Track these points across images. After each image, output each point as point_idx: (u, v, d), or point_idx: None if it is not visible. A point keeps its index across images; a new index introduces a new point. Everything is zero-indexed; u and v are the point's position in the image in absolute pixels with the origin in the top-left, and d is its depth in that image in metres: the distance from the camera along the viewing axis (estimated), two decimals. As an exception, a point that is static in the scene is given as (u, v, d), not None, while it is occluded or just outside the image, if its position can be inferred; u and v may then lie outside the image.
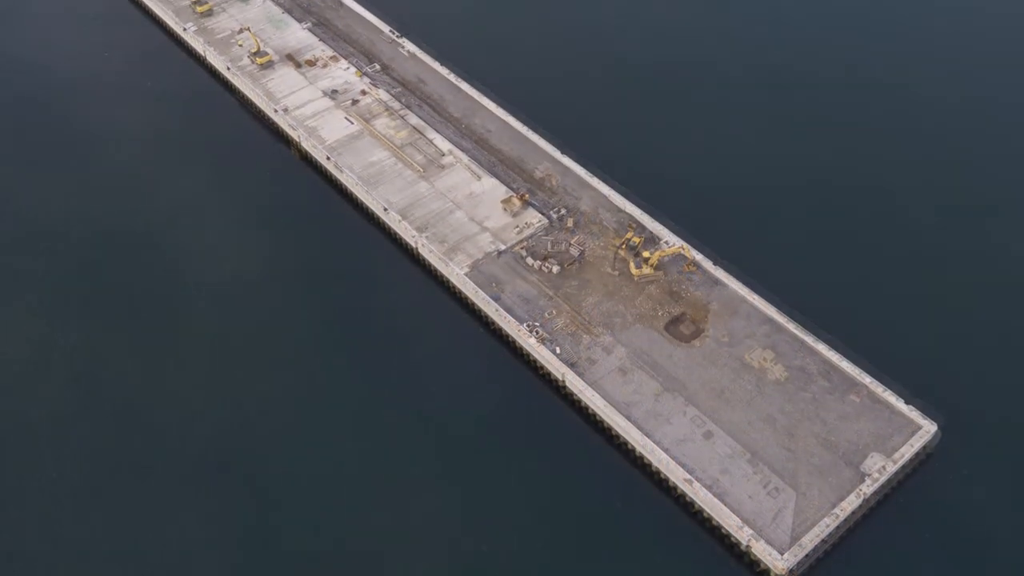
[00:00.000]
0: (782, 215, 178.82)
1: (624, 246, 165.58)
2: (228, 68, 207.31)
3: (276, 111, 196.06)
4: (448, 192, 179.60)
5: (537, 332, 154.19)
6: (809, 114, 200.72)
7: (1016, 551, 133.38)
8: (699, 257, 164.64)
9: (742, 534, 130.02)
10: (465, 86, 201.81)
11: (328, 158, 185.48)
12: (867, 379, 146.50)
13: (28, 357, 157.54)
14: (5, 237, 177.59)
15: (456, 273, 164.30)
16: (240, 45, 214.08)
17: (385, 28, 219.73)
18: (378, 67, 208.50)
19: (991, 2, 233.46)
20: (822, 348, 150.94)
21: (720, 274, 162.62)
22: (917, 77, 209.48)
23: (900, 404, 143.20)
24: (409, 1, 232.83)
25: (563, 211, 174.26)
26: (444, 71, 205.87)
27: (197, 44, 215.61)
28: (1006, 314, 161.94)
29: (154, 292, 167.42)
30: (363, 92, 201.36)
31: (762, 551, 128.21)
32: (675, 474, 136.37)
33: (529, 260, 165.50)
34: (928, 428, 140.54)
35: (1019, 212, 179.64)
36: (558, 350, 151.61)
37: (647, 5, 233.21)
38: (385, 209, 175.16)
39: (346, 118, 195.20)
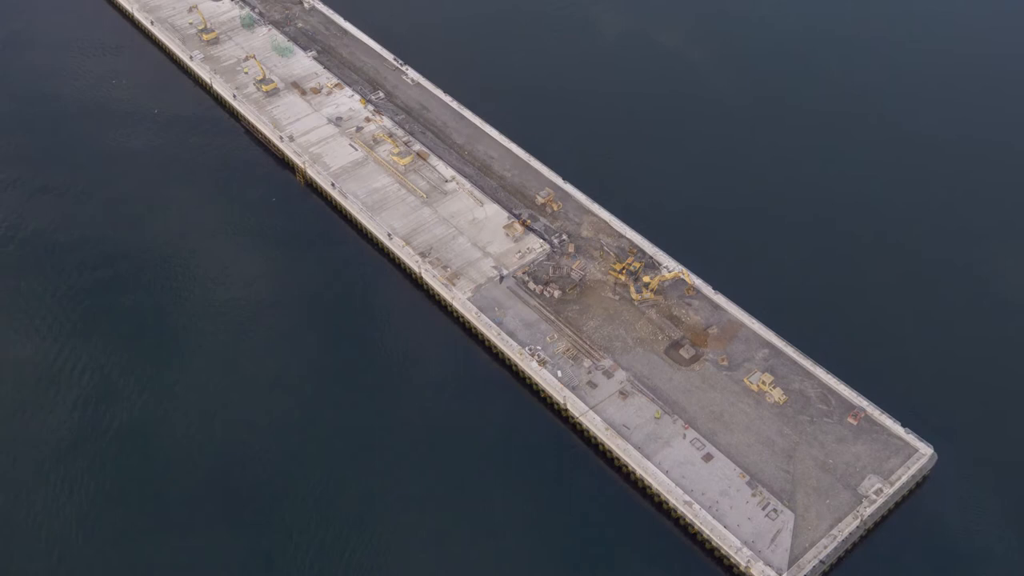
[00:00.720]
0: (780, 242, 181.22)
1: (624, 271, 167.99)
2: (235, 96, 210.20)
3: (282, 138, 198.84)
4: (451, 218, 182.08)
5: (539, 356, 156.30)
6: (808, 143, 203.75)
7: (1009, 572, 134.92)
8: (698, 282, 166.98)
9: (741, 555, 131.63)
10: (468, 113, 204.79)
11: (333, 185, 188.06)
12: (864, 403, 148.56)
13: (36, 377, 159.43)
14: (14, 258, 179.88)
15: (459, 298, 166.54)
16: (246, 72, 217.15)
17: (389, 56, 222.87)
18: (382, 95, 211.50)
19: (983, 38, 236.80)
20: (820, 372, 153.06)
21: (719, 299, 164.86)
22: (915, 106, 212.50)
23: (897, 427, 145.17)
24: (413, 31, 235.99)
25: (564, 237, 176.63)
26: (447, 99, 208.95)
27: (204, 72, 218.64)
28: (1001, 340, 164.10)
29: (161, 314, 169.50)
30: (367, 119, 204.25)
31: (761, 572, 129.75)
32: (675, 496, 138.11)
33: (531, 285, 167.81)
34: (924, 451, 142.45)
35: (1012, 239, 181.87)
36: (559, 373, 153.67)
37: (647, 37, 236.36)
38: (389, 235, 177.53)
39: (350, 145, 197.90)
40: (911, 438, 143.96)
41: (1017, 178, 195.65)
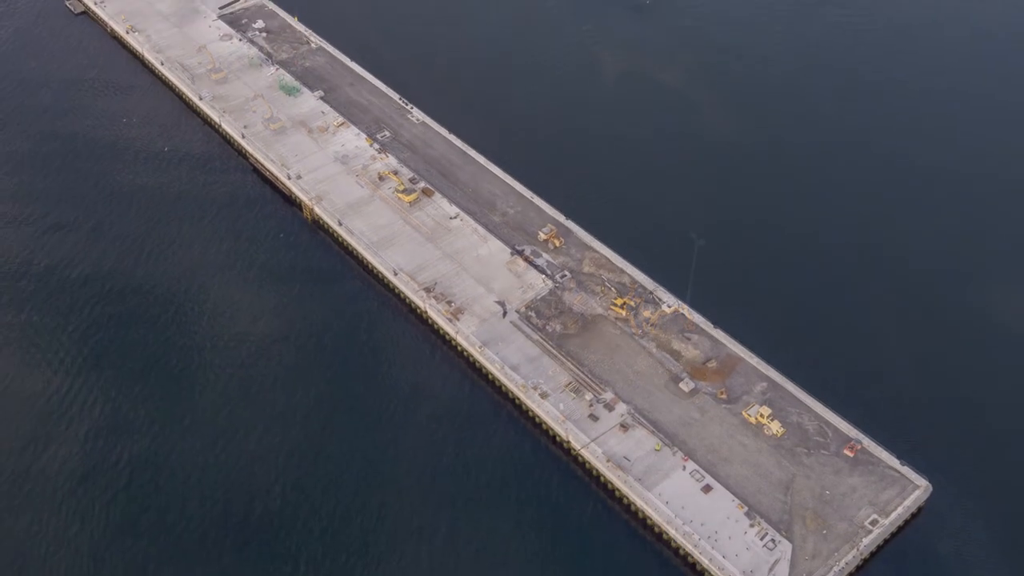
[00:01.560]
0: (779, 277, 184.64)
1: (625, 306, 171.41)
2: (243, 135, 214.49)
3: (289, 176, 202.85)
4: (455, 254, 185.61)
5: (541, 389, 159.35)
6: (806, 180, 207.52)
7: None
8: (698, 318, 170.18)
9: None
10: (472, 152, 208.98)
11: (340, 223, 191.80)
12: (862, 436, 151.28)
13: (49, 410, 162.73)
14: (28, 293, 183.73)
15: (462, 332, 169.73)
16: (253, 111, 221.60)
17: (395, 96, 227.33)
18: (388, 133, 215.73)
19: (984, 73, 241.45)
20: (817, 405, 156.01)
21: (718, 334, 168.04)
22: (912, 144, 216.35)
23: (893, 460, 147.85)
24: (418, 71, 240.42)
25: (566, 272, 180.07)
26: (451, 137, 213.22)
27: (212, 111, 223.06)
28: (997, 375, 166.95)
29: (170, 348, 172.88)
30: (373, 157, 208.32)
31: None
32: (674, 526, 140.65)
33: (533, 319, 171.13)
34: (920, 484, 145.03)
35: (1007, 275, 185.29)
36: (561, 407, 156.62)
37: (648, 77, 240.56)
38: (395, 272, 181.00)
39: (356, 182, 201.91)
40: (906, 470, 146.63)
41: (1015, 212, 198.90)
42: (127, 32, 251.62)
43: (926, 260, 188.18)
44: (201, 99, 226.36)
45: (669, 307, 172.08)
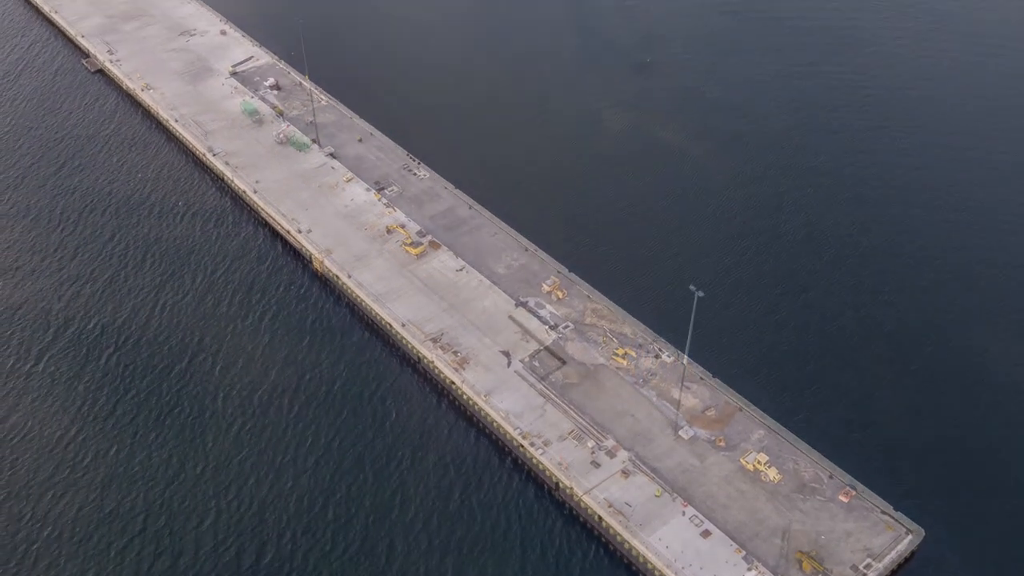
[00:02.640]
0: (776, 328, 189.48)
1: (626, 356, 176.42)
2: (255, 190, 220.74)
3: (300, 231, 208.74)
4: (461, 306, 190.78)
5: (543, 437, 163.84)
6: (802, 232, 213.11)
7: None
8: (697, 368, 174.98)
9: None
10: (477, 206, 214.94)
11: (348, 275, 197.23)
12: (856, 483, 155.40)
13: (63, 458, 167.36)
14: (45, 344, 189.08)
15: (468, 381, 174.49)
16: (263, 168, 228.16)
17: (402, 151, 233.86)
18: (395, 188, 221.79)
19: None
20: (814, 453, 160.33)
21: (717, 383, 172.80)
22: (908, 197, 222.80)
23: (887, 507, 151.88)
24: (425, 127, 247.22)
25: (569, 324, 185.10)
26: (458, 192, 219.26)
27: (225, 168, 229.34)
28: (991, 423, 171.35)
29: (183, 397, 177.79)
30: (381, 212, 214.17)
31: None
32: (674, 571, 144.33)
33: (537, 368, 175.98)
34: (913, 530, 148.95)
35: (1002, 323, 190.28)
36: (564, 454, 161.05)
37: (649, 133, 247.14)
38: (403, 324, 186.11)
39: (364, 236, 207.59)
40: (900, 516, 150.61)
41: (1009, 261, 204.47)
42: (142, 89, 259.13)
43: (921, 309, 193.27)
44: (215, 155, 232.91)
45: (669, 357, 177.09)
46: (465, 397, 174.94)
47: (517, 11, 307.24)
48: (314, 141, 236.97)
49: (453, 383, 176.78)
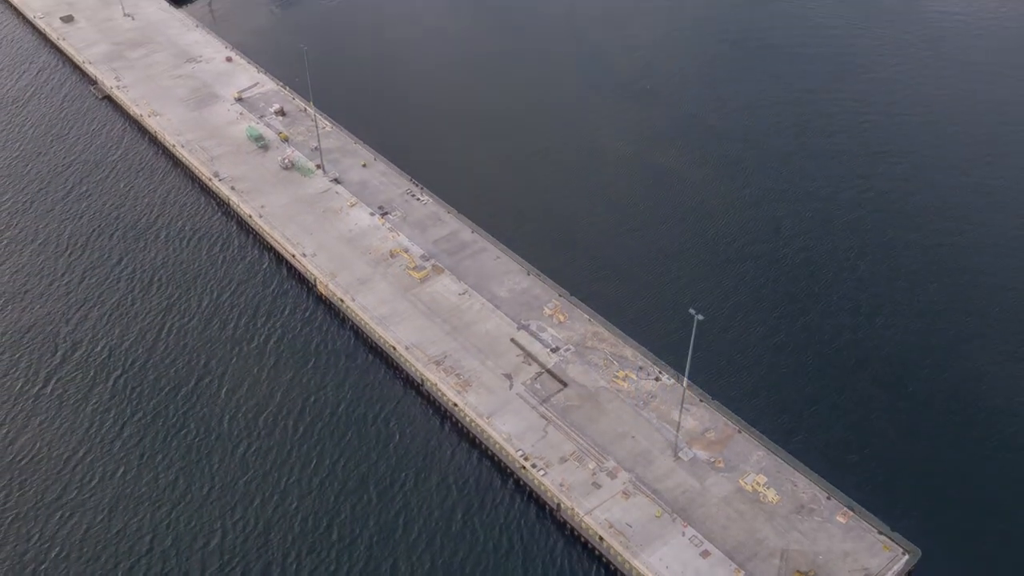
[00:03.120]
0: (775, 352, 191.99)
1: (627, 379, 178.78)
2: (260, 215, 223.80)
3: (305, 254, 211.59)
4: (464, 328, 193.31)
5: (545, 459, 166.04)
6: (799, 257, 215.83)
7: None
8: (697, 390, 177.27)
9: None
10: (480, 230, 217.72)
11: (353, 299, 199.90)
12: (854, 503, 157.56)
13: (73, 480, 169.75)
14: (53, 367, 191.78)
15: (470, 403, 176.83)
16: (269, 193, 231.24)
17: (406, 177, 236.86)
18: (399, 213, 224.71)
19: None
20: (812, 474, 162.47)
21: (716, 405, 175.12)
22: (906, 223, 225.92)
23: (884, 527, 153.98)
24: (428, 154, 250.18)
25: (570, 347, 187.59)
26: (461, 217, 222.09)
27: (231, 192, 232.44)
28: (988, 444, 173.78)
29: (189, 419, 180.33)
30: (384, 236, 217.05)
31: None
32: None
33: (539, 391, 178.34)
34: (910, 550, 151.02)
35: (998, 347, 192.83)
36: (565, 475, 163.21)
37: (649, 159, 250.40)
38: (406, 347, 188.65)
39: (367, 260, 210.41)
40: (897, 536, 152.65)
41: (1004, 284, 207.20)
42: (148, 115, 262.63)
43: (916, 333, 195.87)
44: (220, 180, 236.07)
45: (669, 380, 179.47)
46: (467, 419, 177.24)
47: (519, 40, 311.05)
48: (318, 166, 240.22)
49: (455, 405, 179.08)
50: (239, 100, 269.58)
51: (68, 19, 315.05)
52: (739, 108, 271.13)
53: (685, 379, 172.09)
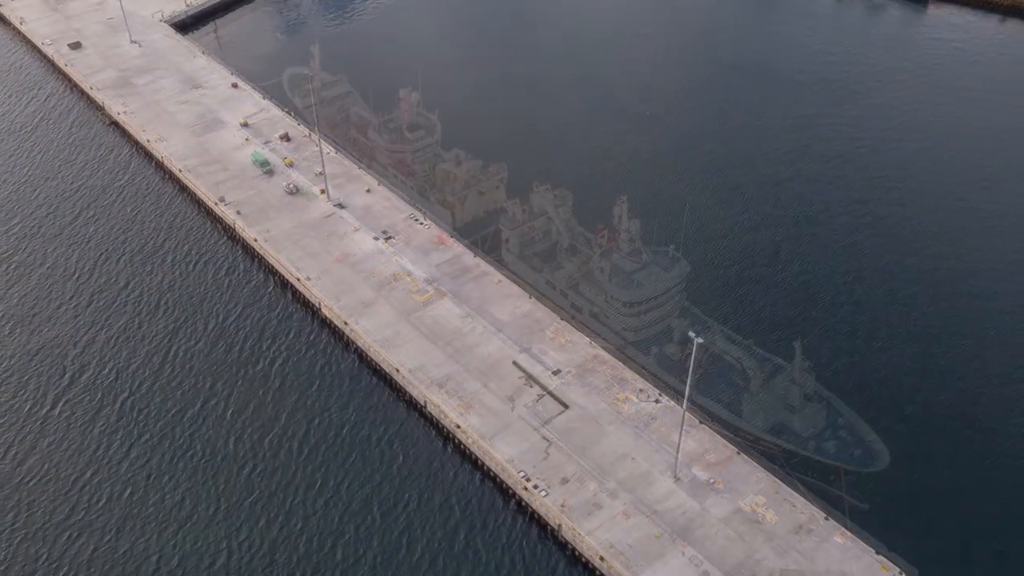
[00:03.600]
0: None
1: (627, 401, 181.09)
2: (266, 239, 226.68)
3: (309, 278, 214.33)
4: (466, 351, 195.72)
5: (546, 480, 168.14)
6: (798, 279, 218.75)
7: None
8: (697, 413, 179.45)
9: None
10: (482, 255, 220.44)
11: (357, 322, 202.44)
12: (852, 524, 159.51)
13: (80, 501, 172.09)
14: (61, 389, 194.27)
15: (472, 425, 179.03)
16: (271, 216, 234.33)
17: (406, 199, 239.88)
18: (400, 236, 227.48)
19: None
20: (810, 495, 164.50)
21: (715, 426, 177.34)
22: (904, 245, 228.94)
23: (882, 547, 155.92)
24: (430, 180, 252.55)
25: (571, 369, 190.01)
26: (463, 241, 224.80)
27: (236, 217, 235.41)
28: (985, 466, 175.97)
29: (195, 441, 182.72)
30: (386, 261, 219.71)
31: None
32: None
33: (540, 412, 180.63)
34: (907, 570, 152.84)
35: (995, 364, 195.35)
36: (565, 497, 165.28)
37: (649, 185, 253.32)
38: (409, 369, 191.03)
39: (369, 284, 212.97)
40: (895, 556, 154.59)
41: (1000, 308, 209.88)
42: (155, 141, 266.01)
43: (913, 357, 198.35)
44: (225, 205, 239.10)
45: (669, 402, 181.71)
46: (470, 441, 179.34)
47: (518, 65, 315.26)
48: (322, 191, 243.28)
49: (458, 427, 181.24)
50: (244, 126, 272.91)
51: (76, 46, 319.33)
52: (738, 133, 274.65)
53: (685, 401, 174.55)
